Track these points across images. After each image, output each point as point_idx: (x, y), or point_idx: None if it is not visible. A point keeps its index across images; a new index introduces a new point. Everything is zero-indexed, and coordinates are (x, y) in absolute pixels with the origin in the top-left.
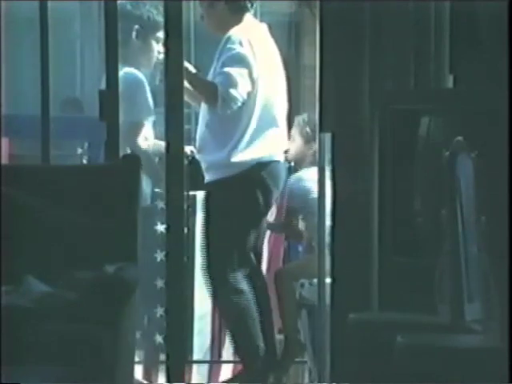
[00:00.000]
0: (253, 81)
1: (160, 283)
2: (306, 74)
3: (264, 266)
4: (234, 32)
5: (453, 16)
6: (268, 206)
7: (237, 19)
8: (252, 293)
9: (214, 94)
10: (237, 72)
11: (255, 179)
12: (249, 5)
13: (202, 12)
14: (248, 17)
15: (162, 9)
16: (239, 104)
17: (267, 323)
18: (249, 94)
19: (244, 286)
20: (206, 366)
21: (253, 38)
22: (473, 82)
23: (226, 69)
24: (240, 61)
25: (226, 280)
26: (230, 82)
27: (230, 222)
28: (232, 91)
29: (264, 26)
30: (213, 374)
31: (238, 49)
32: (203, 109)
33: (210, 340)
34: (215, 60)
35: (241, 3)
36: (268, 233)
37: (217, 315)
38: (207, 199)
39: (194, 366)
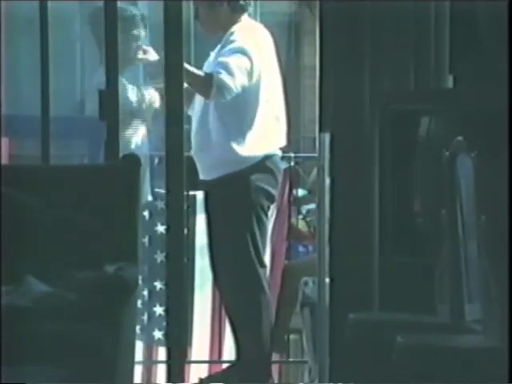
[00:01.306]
0: (252, 74)
1: (159, 284)
2: (306, 74)
3: (268, 262)
4: (238, 28)
5: (453, 16)
6: (275, 199)
7: (236, 19)
8: (258, 288)
9: (209, 82)
10: (235, 62)
11: (265, 172)
12: (248, 5)
13: (200, 13)
14: (245, 16)
15: (140, 5)
16: (233, 94)
17: (270, 320)
18: (249, 88)
19: (252, 281)
20: (205, 366)
21: (257, 36)
22: (473, 81)
23: (225, 58)
24: (241, 52)
25: (237, 274)
26: (227, 71)
27: (242, 216)
28: (227, 80)
29: (262, 26)
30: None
31: (240, 42)
32: (203, 108)
33: (210, 340)
34: (216, 53)
35: (242, 3)
36: (270, 229)
37: (217, 315)
38: (217, 194)
39: (194, 366)
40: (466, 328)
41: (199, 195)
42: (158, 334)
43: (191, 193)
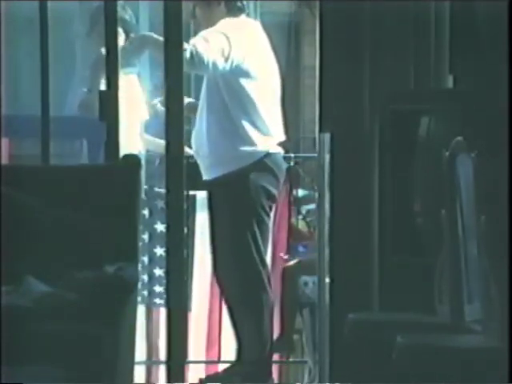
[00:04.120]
0: (229, 58)
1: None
2: (306, 74)
3: (269, 260)
4: (226, 20)
5: (453, 16)
6: (276, 199)
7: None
8: (259, 287)
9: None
10: (212, 37)
11: (265, 171)
12: (245, 5)
13: (197, 13)
14: (243, 16)
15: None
16: (205, 67)
17: (271, 320)
18: (235, 78)
19: (254, 280)
20: (205, 366)
21: (245, 28)
22: (473, 81)
23: (202, 33)
24: (221, 33)
25: (238, 274)
26: (201, 40)
27: (242, 216)
28: (200, 48)
29: (258, 23)
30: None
31: (222, 27)
32: (199, 108)
33: (210, 340)
34: None
35: (239, 4)
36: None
37: (217, 314)
38: (218, 194)
39: (194, 366)
40: (466, 328)
41: (199, 195)
42: (158, 301)
43: (191, 192)
